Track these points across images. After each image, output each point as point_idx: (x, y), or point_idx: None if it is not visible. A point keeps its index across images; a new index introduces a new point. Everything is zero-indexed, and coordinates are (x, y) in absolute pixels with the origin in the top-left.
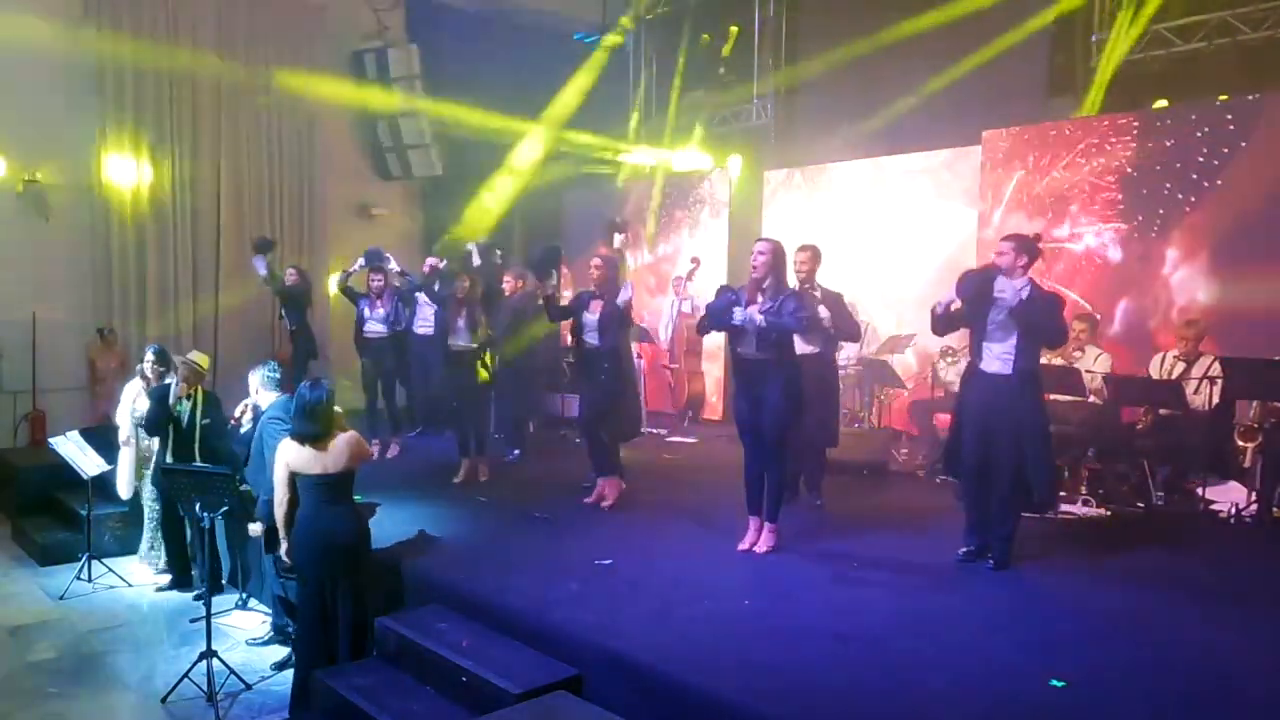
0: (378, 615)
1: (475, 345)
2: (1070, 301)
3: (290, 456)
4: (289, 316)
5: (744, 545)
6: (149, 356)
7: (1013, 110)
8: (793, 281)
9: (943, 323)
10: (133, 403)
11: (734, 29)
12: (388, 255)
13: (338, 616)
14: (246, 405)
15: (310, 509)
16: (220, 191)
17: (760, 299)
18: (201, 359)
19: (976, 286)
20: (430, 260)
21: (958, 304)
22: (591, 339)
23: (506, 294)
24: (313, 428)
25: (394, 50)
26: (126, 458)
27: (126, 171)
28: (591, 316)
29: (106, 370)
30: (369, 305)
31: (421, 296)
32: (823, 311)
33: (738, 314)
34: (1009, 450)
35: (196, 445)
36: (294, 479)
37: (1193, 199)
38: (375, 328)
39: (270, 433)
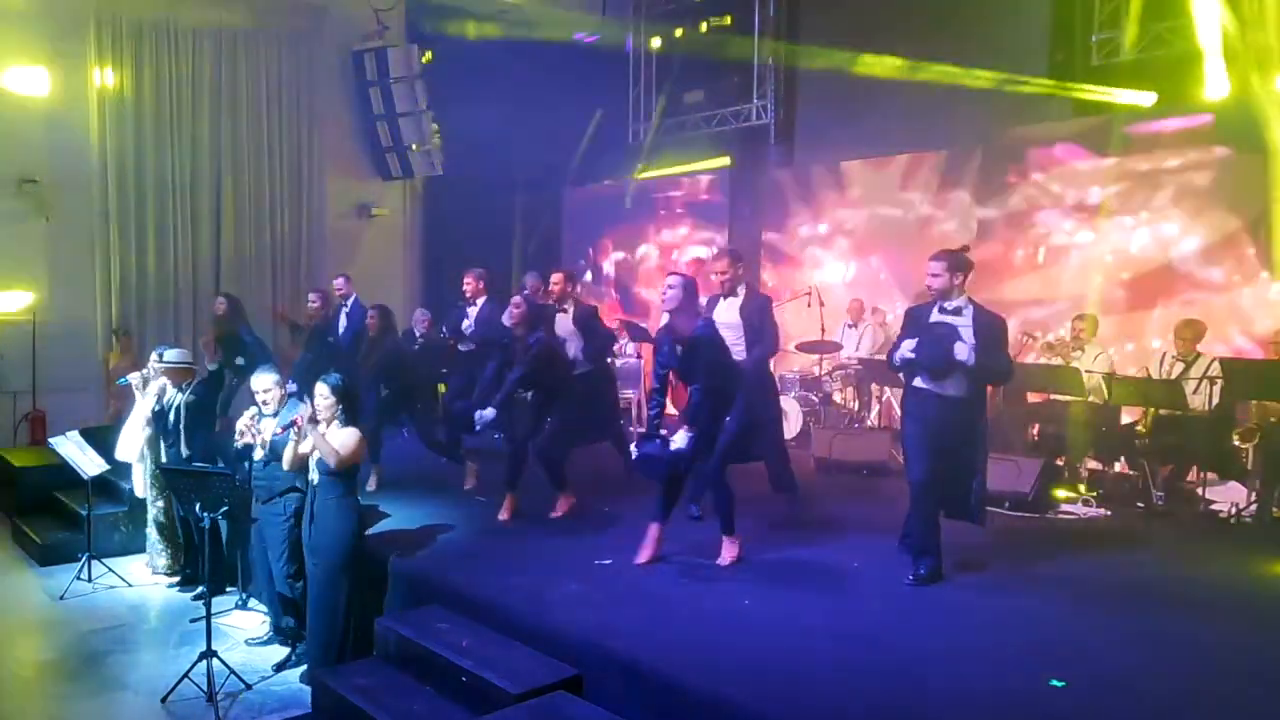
0: (378, 615)
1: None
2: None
3: None
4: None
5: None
6: (154, 357)
7: (1012, 109)
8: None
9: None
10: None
11: (727, 20)
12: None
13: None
14: (255, 418)
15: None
16: (220, 192)
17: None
18: (179, 354)
19: (920, 327)
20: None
21: (910, 353)
22: None
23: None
24: None
25: (394, 50)
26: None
27: (127, 172)
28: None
29: (119, 371)
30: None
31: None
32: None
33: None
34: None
35: (181, 428)
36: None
37: None
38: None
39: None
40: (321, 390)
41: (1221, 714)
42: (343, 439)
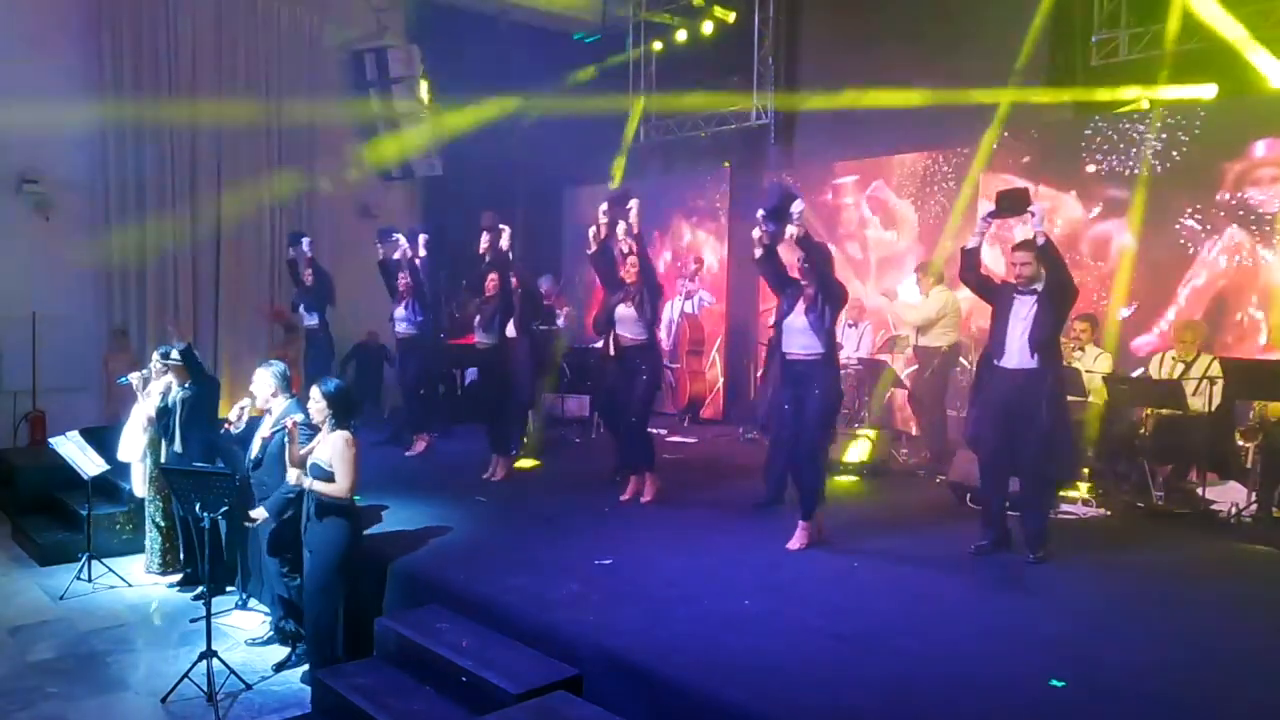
0: (378, 615)
1: (497, 343)
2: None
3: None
4: (310, 313)
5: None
6: (156, 357)
7: (1009, 110)
8: None
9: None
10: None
11: (729, 17)
12: (395, 236)
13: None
14: (243, 409)
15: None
16: (220, 192)
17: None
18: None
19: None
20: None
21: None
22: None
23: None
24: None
25: (394, 50)
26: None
27: (127, 171)
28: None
29: (118, 371)
30: (397, 305)
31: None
32: None
33: (796, 207)
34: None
35: (177, 425)
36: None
37: None
38: (402, 328)
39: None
40: (315, 394)
41: (1222, 714)
42: (333, 443)
